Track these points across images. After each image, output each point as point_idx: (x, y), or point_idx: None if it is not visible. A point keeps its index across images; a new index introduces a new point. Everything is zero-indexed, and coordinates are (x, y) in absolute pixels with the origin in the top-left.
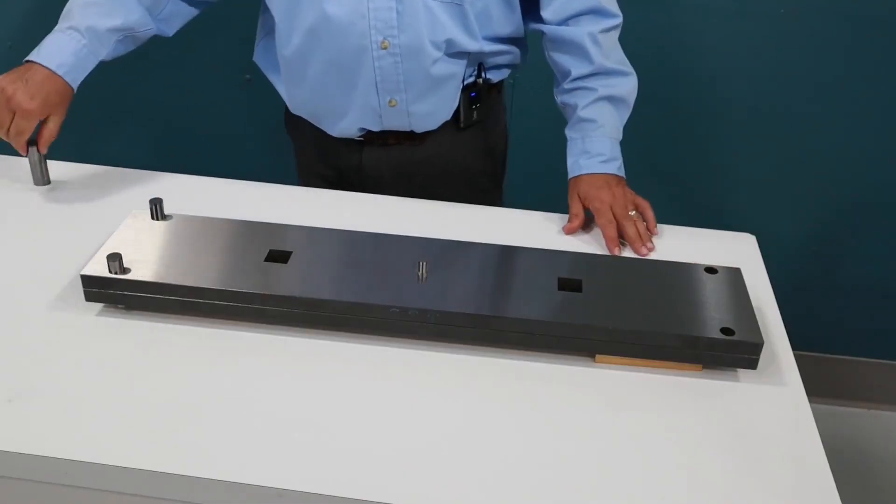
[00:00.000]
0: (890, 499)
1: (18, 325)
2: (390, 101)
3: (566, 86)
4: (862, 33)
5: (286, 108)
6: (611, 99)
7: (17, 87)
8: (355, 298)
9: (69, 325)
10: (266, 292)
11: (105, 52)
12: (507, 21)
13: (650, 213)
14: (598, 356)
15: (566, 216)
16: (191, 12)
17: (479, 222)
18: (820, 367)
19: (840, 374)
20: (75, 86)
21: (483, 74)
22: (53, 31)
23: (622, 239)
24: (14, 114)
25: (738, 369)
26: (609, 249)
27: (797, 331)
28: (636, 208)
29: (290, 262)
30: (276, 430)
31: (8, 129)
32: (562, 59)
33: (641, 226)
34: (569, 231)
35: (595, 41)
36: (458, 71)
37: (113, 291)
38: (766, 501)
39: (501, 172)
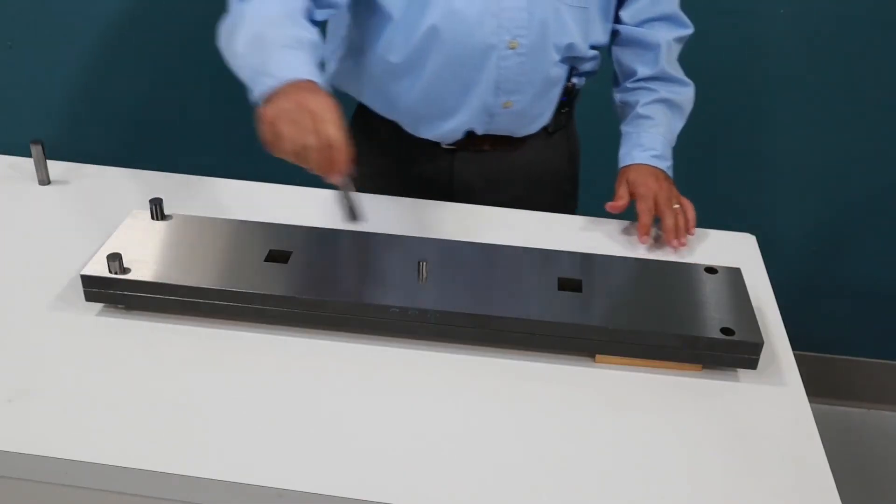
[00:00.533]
0: (890, 499)
1: (18, 325)
2: (506, 103)
3: (628, 84)
4: (862, 33)
5: (355, 116)
6: (669, 103)
7: (303, 114)
8: (355, 298)
9: (69, 325)
10: (266, 292)
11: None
12: (604, 29)
13: (692, 214)
14: (598, 356)
15: (567, 216)
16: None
17: (480, 223)
18: (820, 367)
19: (840, 374)
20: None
21: (572, 79)
22: (282, 50)
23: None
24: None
25: (738, 369)
26: (639, 237)
27: (797, 331)
28: (679, 204)
29: (290, 262)
30: (276, 430)
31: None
32: (629, 59)
33: (681, 219)
34: (611, 208)
35: (668, 46)
36: (564, 75)
37: (113, 291)
38: (766, 501)
39: (578, 176)
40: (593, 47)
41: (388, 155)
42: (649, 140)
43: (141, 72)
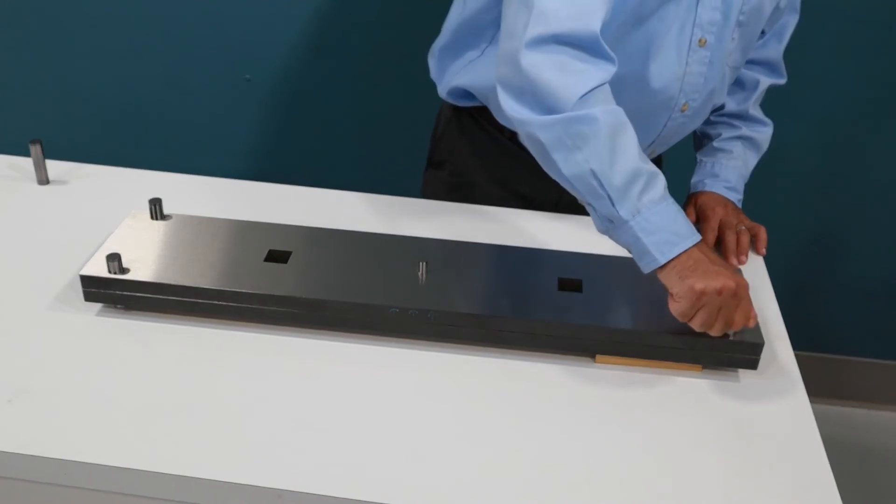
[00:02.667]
0: (890, 499)
1: (18, 325)
2: (650, 152)
3: (713, 118)
4: (862, 33)
5: (461, 127)
6: (750, 140)
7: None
8: (355, 298)
9: (69, 325)
10: (266, 292)
11: None
12: None
13: (763, 234)
14: (598, 356)
15: (569, 217)
16: None
17: (480, 223)
18: (820, 367)
19: (840, 374)
20: None
21: None
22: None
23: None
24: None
25: (739, 369)
26: None
27: (797, 331)
28: (748, 230)
29: (289, 262)
30: (276, 430)
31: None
32: None
33: (745, 239)
34: None
35: (761, 91)
36: None
37: (112, 291)
38: (766, 501)
39: None
40: None
41: (493, 168)
42: (724, 172)
43: (141, 72)
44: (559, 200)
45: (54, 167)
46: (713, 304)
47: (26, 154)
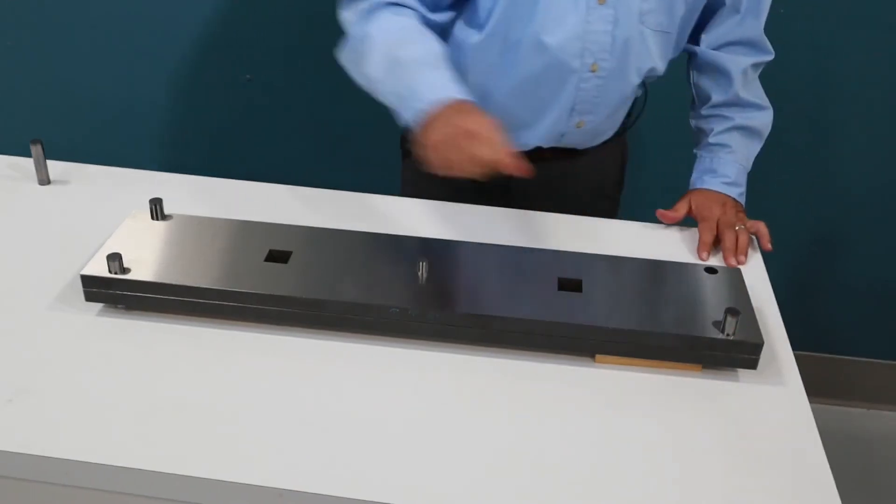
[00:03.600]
0: (890, 499)
1: (18, 325)
2: (578, 123)
3: (703, 111)
4: (862, 33)
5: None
6: (745, 129)
7: (469, 125)
8: (355, 298)
9: (69, 325)
10: (266, 292)
11: None
12: (679, 47)
13: (764, 230)
14: (598, 356)
15: (568, 217)
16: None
17: (479, 222)
18: (820, 367)
19: (840, 374)
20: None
21: (637, 93)
22: (420, 72)
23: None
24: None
25: (738, 369)
26: (698, 253)
27: (797, 331)
28: (748, 229)
29: (290, 262)
30: (276, 430)
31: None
32: (706, 83)
33: (743, 238)
34: (661, 216)
35: (744, 73)
36: (637, 92)
37: (113, 291)
38: (766, 501)
39: (624, 181)
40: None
41: None
42: (722, 166)
43: (141, 72)
44: (509, 183)
45: (55, 167)
46: (451, 148)
47: (27, 154)
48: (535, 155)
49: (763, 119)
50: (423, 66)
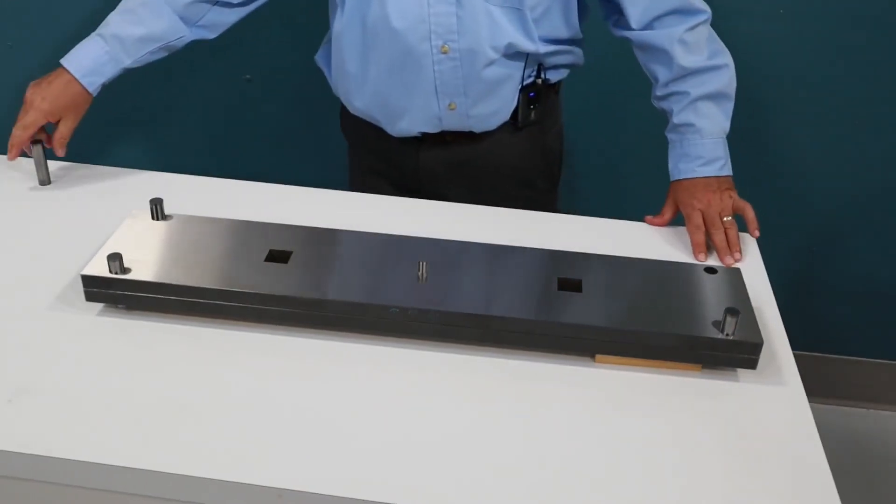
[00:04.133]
0: (890, 499)
1: (18, 325)
2: (450, 105)
3: (658, 92)
4: (862, 33)
5: (342, 109)
6: (707, 97)
7: (37, 90)
8: (355, 298)
9: (69, 325)
10: (266, 292)
11: (130, 59)
12: (566, 23)
13: (751, 214)
14: (598, 356)
15: (568, 217)
16: (235, 17)
17: (480, 223)
18: (820, 367)
19: (840, 374)
20: (93, 90)
21: (542, 75)
22: (88, 37)
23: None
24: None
25: (738, 369)
26: (695, 255)
27: (797, 331)
28: (734, 211)
29: (290, 262)
30: (276, 429)
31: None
32: (650, 65)
33: (732, 233)
34: (648, 221)
35: (682, 42)
36: (515, 73)
37: (113, 291)
38: (766, 501)
39: (558, 173)
40: (560, 41)
41: (364, 148)
42: (693, 148)
43: (141, 72)
44: (417, 166)
45: (55, 167)
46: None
47: (27, 154)
48: (437, 137)
49: (722, 80)
50: (97, 34)
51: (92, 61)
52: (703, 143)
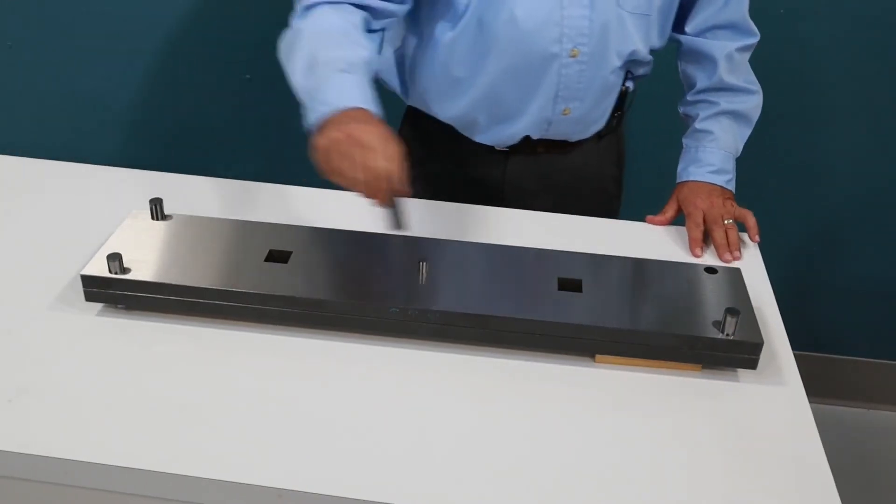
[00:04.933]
0: (890, 499)
1: (18, 325)
2: (564, 110)
3: (690, 97)
4: (862, 33)
5: (411, 116)
6: (732, 114)
7: (360, 142)
8: (355, 298)
9: (69, 325)
10: (266, 292)
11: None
12: (662, 33)
13: (752, 221)
14: (598, 356)
15: (568, 217)
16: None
17: (480, 223)
18: (820, 367)
19: (840, 374)
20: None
21: (626, 83)
22: (325, 80)
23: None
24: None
25: (738, 369)
26: (691, 251)
27: (797, 331)
28: (735, 219)
29: (290, 262)
30: (276, 429)
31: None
32: (692, 70)
33: (733, 234)
34: (651, 221)
35: (729, 58)
36: (621, 80)
37: (113, 291)
38: (766, 501)
39: (623, 178)
40: (652, 51)
41: (442, 159)
42: (707, 156)
43: (141, 72)
44: (504, 179)
45: (55, 167)
46: (338, 154)
47: (27, 154)
48: (527, 148)
49: (750, 103)
50: (337, 70)
51: (362, 91)
52: (716, 152)
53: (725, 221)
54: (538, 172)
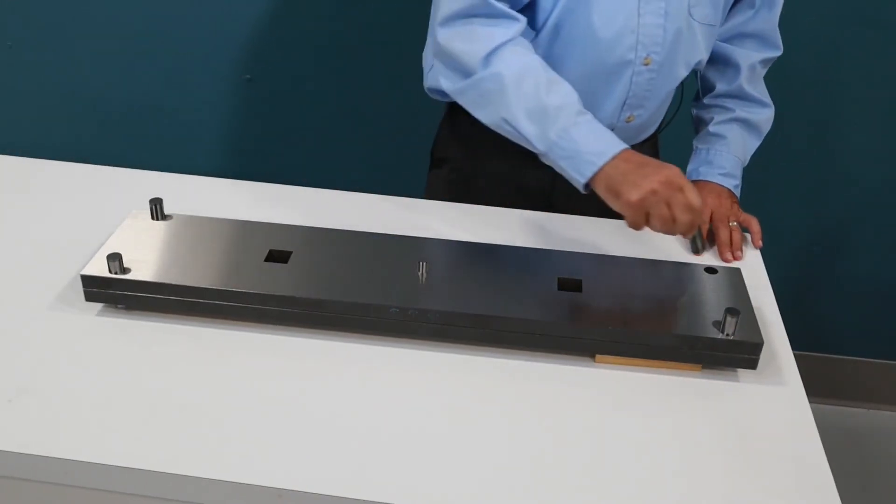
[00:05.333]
0: (890, 499)
1: (18, 325)
2: (629, 117)
3: (706, 101)
4: (862, 33)
5: (455, 116)
6: (745, 122)
7: (659, 190)
8: (355, 298)
9: (69, 325)
10: (266, 292)
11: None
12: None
13: (756, 227)
14: (598, 356)
15: (567, 217)
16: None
17: (480, 223)
18: (820, 367)
19: (840, 374)
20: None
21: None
22: (571, 126)
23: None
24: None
25: (738, 369)
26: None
27: (797, 331)
28: (740, 223)
29: (290, 262)
30: (276, 429)
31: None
32: (713, 74)
33: (737, 236)
34: None
35: (753, 68)
36: (679, 90)
37: (113, 291)
38: (766, 501)
39: None
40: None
41: (484, 161)
42: (718, 158)
43: (141, 72)
44: (553, 185)
45: (55, 167)
46: (657, 203)
47: (27, 154)
48: None
49: (763, 116)
50: (571, 114)
51: (608, 131)
52: (728, 156)
53: (731, 223)
54: None
